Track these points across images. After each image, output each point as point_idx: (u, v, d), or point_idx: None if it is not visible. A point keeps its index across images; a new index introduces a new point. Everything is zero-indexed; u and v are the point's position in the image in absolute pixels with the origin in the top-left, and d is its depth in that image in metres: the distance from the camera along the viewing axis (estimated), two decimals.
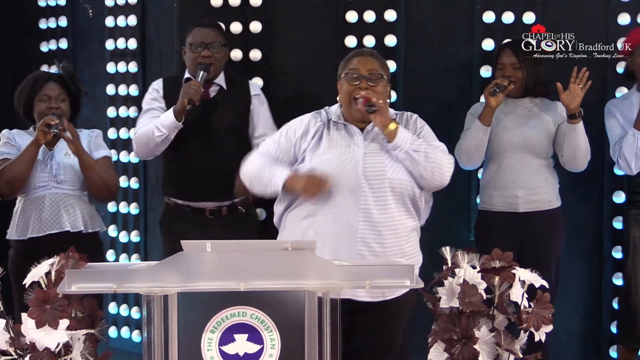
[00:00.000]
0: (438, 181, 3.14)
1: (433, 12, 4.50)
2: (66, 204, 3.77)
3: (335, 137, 3.17)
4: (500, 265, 2.62)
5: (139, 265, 2.57)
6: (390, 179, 3.08)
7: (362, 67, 3.16)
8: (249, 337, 2.45)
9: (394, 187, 3.08)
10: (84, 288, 2.39)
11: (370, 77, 3.15)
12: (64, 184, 3.78)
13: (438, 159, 3.12)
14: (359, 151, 3.11)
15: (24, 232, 3.76)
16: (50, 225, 3.74)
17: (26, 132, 3.89)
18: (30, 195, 3.77)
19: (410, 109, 4.16)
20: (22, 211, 3.79)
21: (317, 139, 3.18)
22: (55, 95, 3.79)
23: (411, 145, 3.09)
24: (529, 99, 4.07)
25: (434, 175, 3.11)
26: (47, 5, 5.12)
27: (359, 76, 3.14)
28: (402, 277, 2.45)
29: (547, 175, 4.05)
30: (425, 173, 3.09)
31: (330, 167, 3.08)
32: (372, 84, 3.14)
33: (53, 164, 3.78)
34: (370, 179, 3.07)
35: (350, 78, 3.15)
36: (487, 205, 4.10)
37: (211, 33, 4.01)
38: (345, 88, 3.17)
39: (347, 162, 3.09)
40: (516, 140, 4.01)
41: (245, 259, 2.42)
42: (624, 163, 3.97)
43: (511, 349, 2.60)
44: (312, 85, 4.49)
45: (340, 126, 3.19)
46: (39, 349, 2.47)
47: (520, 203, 4.01)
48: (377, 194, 3.06)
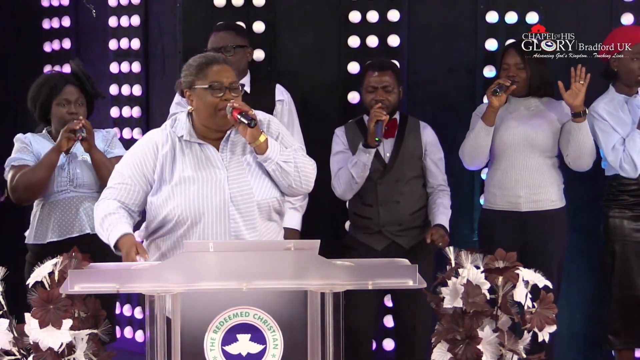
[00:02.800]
0: (305, 189, 3.04)
1: (436, 12, 4.49)
2: (85, 207, 3.76)
3: (190, 160, 2.96)
4: (504, 265, 2.62)
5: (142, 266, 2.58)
6: (257, 201, 2.94)
7: (224, 79, 2.95)
8: (251, 337, 2.45)
9: (261, 207, 2.95)
10: (87, 288, 2.39)
11: (232, 87, 2.96)
12: (81, 188, 3.77)
13: (306, 167, 3.01)
14: (221, 175, 2.94)
15: (43, 237, 3.75)
16: (70, 229, 3.74)
17: (41, 136, 3.86)
18: (49, 199, 3.76)
19: (413, 109, 4.18)
20: (41, 215, 3.78)
21: (170, 164, 2.96)
22: (74, 100, 3.79)
23: (281, 156, 2.96)
24: (534, 99, 4.07)
25: (302, 185, 3.00)
26: (50, 5, 5.12)
27: (221, 88, 2.93)
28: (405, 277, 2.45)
29: (551, 174, 4.04)
30: (295, 183, 2.98)
31: (193, 195, 2.90)
32: (235, 95, 2.95)
33: (71, 168, 3.77)
34: (238, 204, 2.92)
35: (213, 90, 2.93)
36: (490, 204, 4.10)
37: (225, 36, 3.98)
38: (208, 100, 2.93)
39: (211, 190, 2.91)
40: (520, 139, 4.00)
41: (247, 259, 2.43)
42: (630, 167, 3.93)
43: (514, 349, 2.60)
44: (315, 85, 4.49)
45: (194, 146, 2.98)
46: (43, 349, 2.47)
47: (522, 202, 4.01)
48: (246, 217, 2.92)
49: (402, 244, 3.93)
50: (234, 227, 2.91)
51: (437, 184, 4.02)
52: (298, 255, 2.43)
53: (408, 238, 3.95)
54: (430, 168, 4.02)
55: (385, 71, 3.96)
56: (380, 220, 3.93)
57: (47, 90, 3.80)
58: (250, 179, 2.96)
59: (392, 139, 3.99)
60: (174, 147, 2.97)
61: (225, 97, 2.93)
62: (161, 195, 2.94)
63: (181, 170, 2.94)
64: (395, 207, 3.94)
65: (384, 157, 3.96)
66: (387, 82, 3.94)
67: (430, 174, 4.03)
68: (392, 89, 3.95)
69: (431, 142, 4.04)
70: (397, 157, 3.96)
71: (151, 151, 2.98)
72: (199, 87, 2.95)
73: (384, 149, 3.97)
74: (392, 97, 3.95)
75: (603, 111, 4.02)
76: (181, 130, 2.99)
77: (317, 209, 4.24)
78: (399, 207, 3.94)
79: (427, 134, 4.04)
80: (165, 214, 2.92)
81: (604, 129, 3.99)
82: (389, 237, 3.94)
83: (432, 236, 3.83)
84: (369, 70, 4.00)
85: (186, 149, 2.98)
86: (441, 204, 3.97)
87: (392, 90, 3.95)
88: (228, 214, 2.91)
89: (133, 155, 3.02)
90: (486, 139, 3.97)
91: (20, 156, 3.76)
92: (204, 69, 2.97)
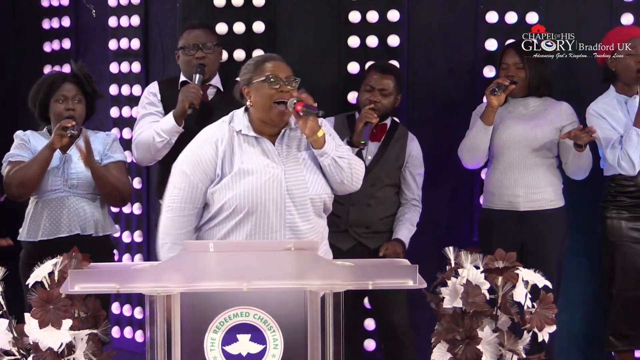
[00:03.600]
0: (355, 186, 3.15)
1: (436, 12, 4.49)
2: (77, 208, 3.76)
3: (248, 152, 3.06)
4: (504, 265, 2.62)
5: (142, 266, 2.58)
6: (311, 196, 3.05)
7: (279, 72, 3.05)
8: (251, 337, 2.45)
9: (314, 202, 3.06)
10: (87, 288, 2.39)
11: (288, 82, 3.05)
12: (76, 189, 3.77)
13: (357, 166, 3.12)
14: (278, 168, 3.04)
15: (35, 234, 3.75)
16: (60, 228, 3.73)
17: (40, 134, 3.86)
18: (42, 197, 3.76)
19: (414, 109, 4.18)
20: (34, 213, 3.78)
21: (230, 157, 3.06)
22: (71, 96, 3.78)
23: (336, 151, 3.07)
24: (533, 99, 4.07)
25: (353, 181, 3.11)
26: (50, 5, 5.12)
27: (277, 80, 3.03)
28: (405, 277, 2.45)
29: (550, 174, 4.05)
30: (347, 179, 3.08)
31: (252, 185, 3.00)
32: (291, 89, 3.05)
33: (67, 168, 3.77)
34: (294, 196, 3.02)
35: (270, 82, 3.02)
36: (489, 203, 4.11)
37: (202, 34, 3.97)
38: (264, 92, 3.03)
39: (269, 182, 3.01)
40: (519, 139, 4.01)
41: (247, 259, 2.43)
42: (627, 165, 3.93)
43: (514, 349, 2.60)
44: (315, 85, 4.47)
45: (251, 140, 3.08)
46: (42, 349, 2.47)
47: (521, 202, 4.01)
48: (301, 210, 3.03)
49: (368, 244, 3.95)
50: (289, 218, 3.01)
51: (411, 197, 4.04)
52: (298, 255, 2.43)
53: (374, 239, 3.96)
54: (408, 180, 4.04)
55: (387, 75, 3.97)
56: (349, 220, 3.94)
57: (46, 88, 3.81)
58: (306, 174, 3.06)
59: (377, 143, 4.00)
60: (232, 141, 3.07)
61: (281, 89, 3.03)
62: (220, 185, 3.02)
63: (240, 162, 3.03)
64: (365, 209, 3.95)
65: (364, 159, 3.93)
66: (385, 85, 3.95)
67: (406, 185, 4.05)
68: (390, 93, 3.96)
69: (415, 155, 4.05)
70: (379, 162, 3.97)
71: (211, 148, 3.07)
72: (256, 81, 3.05)
73: (367, 151, 3.97)
74: (387, 102, 3.95)
75: (602, 110, 4.02)
76: (239, 125, 3.09)
77: None
78: (369, 210, 3.95)
79: (413, 146, 4.05)
80: (224, 202, 3.01)
81: (602, 127, 3.98)
82: (355, 238, 3.96)
83: (386, 251, 3.87)
84: (372, 71, 4.02)
85: (244, 142, 3.07)
86: (408, 219, 4.00)
87: (389, 95, 3.96)
88: (284, 206, 3.01)
89: (194, 153, 3.10)
90: (485, 138, 3.98)
91: (16, 152, 3.77)
92: (261, 65, 3.08)
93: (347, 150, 3.16)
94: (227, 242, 2.87)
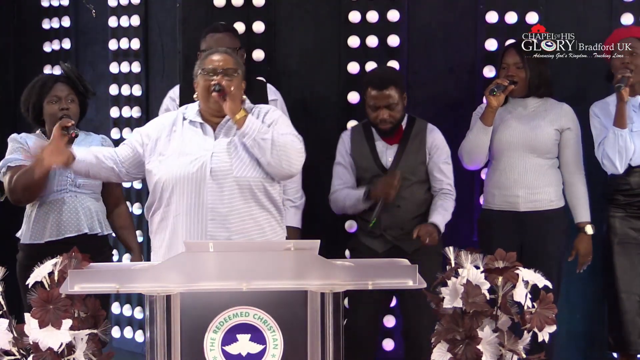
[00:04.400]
0: (286, 169, 3.19)
1: (436, 12, 4.49)
2: (84, 207, 3.75)
3: (184, 137, 3.25)
4: (504, 265, 2.62)
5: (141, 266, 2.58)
6: (236, 177, 3.15)
7: (217, 64, 3.23)
8: (251, 337, 2.45)
9: (241, 184, 3.16)
10: (86, 288, 2.39)
11: (225, 72, 3.21)
12: (82, 188, 3.76)
13: (286, 147, 3.17)
14: (207, 152, 3.18)
15: (41, 236, 3.72)
16: (68, 228, 3.72)
17: (35, 136, 3.83)
18: (47, 198, 3.73)
19: (413, 109, 4.18)
20: (38, 215, 3.74)
21: (167, 136, 3.26)
22: (64, 96, 3.77)
23: (259, 133, 3.15)
24: (533, 99, 4.07)
25: (282, 163, 3.16)
26: (50, 6, 5.12)
27: (214, 71, 3.20)
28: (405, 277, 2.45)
29: (550, 175, 4.05)
30: (273, 161, 3.15)
31: (178, 165, 3.16)
32: (228, 79, 3.19)
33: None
34: (217, 177, 3.13)
35: (206, 73, 3.22)
36: (489, 203, 4.11)
37: (225, 38, 3.94)
38: (202, 83, 3.23)
39: (193, 163, 3.16)
40: (519, 140, 4.01)
41: (247, 259, 2.43)
42: (609, 163, 3.95)
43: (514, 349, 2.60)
44: (314, 85, 4.49)
45: (194, 125, 3.27)
46: (42, 349, 2.47)
47: (520, 202, 4.01)
48: (225, 192, 3.13)
49: (405, 248, 3.88)
50: (210, 199, 3.11)
51: (440, 187, 3.97)
52: (298, 255, 2.43)
53: (410, 242, 3.87)
54: (434, 173, 3.98)
55: (386, 88, 3.87)
56: (382, 225, 3.91)
57: (38, 89, 3.79)
58: (233, 156, 3.17)
59: (395, 145, 3.97)
60: (174, 124, 3.29)
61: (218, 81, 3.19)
62: (153, 165, 3.23)
63: (175, 143, 3.22)
64: (396, 211, 3.91)
65: (385, 164, 3.94)
66: (389, 98, 3.87)
67: (433, 179, 3.99)
68: (396, 104, 3.88)
69: (437, 145, 3.98)
70: (399, 162, 3.93)
71: (158, 124, 3.33)
72: (198, 73, 3.26)
73: (386, 154, 3.95)
74: (397, 112, 3.89)
75: (599, 108, 4.05)
76: (189, 112, 3.30)
77: (316, 209, 4.23)
78: (399, 212, 3.91)
79: (434, 136, 3.99)
80: (155, 181, 3.20)
81: (596, 126, 4.02)
82: (390, 242, 3.92)
83: (419, 231, 3.78)
84: (370, 86, 3.91)
85: (188, 128, 3.27)
86: (441, 205, 3.93)
87: (397, 106, 3.89)
88: (206, 186, 3.12)
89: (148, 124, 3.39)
90: (484, 139, 3.97)
91: (16, 157, 3.72)
92: (205, 58, 3.29)
93: (283, 135, 3.19)
94: (227, 242, 2.87)
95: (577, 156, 4.06)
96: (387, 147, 3.96)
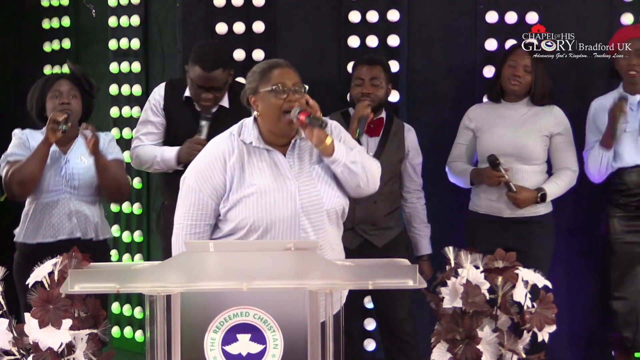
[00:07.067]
0: (372, 189, 3.03)
1: (436, 12, 4.49)
2: (78, 211, 3.74)
3: (259, 168, 2.92)
4: (504, 265, 2.62)
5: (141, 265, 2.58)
6: (327, 209, 2.93)
7: (287, 80, 2.92)
8: (251, 337, 2.45)
9: (330, 215, 2.95)
10: (86, 288, 2.39)
11: (296, 89, 2.92)
12: (77, 190, 3.74)
13: (372, 167, 3.01)
14: (292, 185, 2.91)
15: (33, 236, 3.72)
16: (61, 231, 3.71)
17: (40, 132, 3.84)
18: (42, 199, 3.73)
19: (413, 109, 4.19)
20: (33, 215, 3.75)
21: (239, 172, 2.92)
22: (66, 91, 3.76)
23: (347, 157, 2.94)
24: (524, 104, 4.04)
25: (369, 184, 3.00)
26: (50, 5, 5.13)
27: (285, 90, 2.90)
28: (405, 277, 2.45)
29: (536, 181, 4.00)
30: (363, 183, 2.97)
31: (266, 204, 2.88)
32: (298, 97, 2.91)
33: (68, 169, 3.74)
34: (309, 213, 2.90)
35: (276, 91, 2.89)
36: (475, 206, 4.10)
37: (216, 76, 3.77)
38: (272, 102, 2.90)
39: (283, 200, 2.88)
40: (507, 148, 3.96)
41: (248, 259, 2.43)
42: (588, 172, 4.05)
43: (514, 349, 2.60)
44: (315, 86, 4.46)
45: (261, 152, 2.94)
46: (42, 349, 2.47)
47: (505, 208, 3.99)
48: (316, 226, 2.91)
49: (376, 242, 3.93)
50: (303, 236, 2.88)
51: (414, 188, 4.08)
52: (298, 255, 2.43)
53: (381, 237, 3.95)
54: (409, 172, 4.06)
55: (375, 65, 3.97)
56: (355, 218, 3.90)
57: (41, 86, 3.80)
58: (320, 189, 2.94)
59: (376, 138, 4.00)
60: (241, 155, 2.93)
61: (289, 98, 2.90)
62: (232, 203, 2.90)
63: (251, 178, 2.90)
64: (371, 206, 3.92)
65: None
66: (375, 74, 3.94)
67: (408, 178, 4.07)
68: (380, 83, 3.94)
69: (414, 146, 4.07)
70: (380, 157, 3.90)
71: (220, 163, 2.92)
72: (263, 90, 2.92)
73: (367, 147, 3.96)
74: (380, 92, 3.94)
75: (593, 109, 4.05)
76: (249, 137, 2.94)
77: None
78: (375, 207, 3.93)
79: (411, 137, 4.07)
80: (237, 222, 2.89)
81: (589, 126, 4.04)
82: (361, 235, 3.94)
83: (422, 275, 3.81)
84: (359, 64, 4.02)
85: (254, 155, 2.93)
86: (422, 221, 4.08)
87: (380, 85, 3.95)
88: (299, 223, 2.88)
89: (202, 168, 2.94)
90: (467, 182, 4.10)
91: (14, 151, 3.73)
92: (267, 73, 2.93)
93: (360, 152, 3.02)
94: (227, 242, 2.86)
95: (570, 158, 4.04)
96: (368, 139, 3.98)
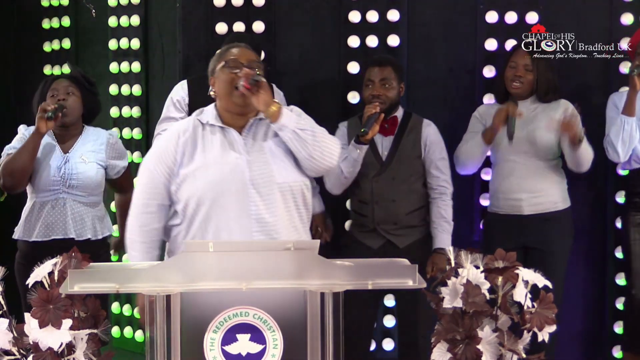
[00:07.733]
0: (328, 161, 3.00)
1: (436, 12, 4.50)
2: (74, 212, 3.74)
3: (210, 145, 2.97)
4: (504, 265, 2.62)
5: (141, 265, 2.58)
6: (278, 183, 2.94)
7: (241, 57, 2.98)
8: (251, 337, 2.45)
9: (283, 190, 2.95)
10: (86, 288, 2.39)
11: (250, 64, 2.96)
12: (75, 190, 3.74)
13: (325, 137, 2.99)
14: (242, 159, 2.94)
15: (29, 234, 3.74)
16: (55, 230, 3.72)
17: None
18: (39, 197, 3.74)
19: (413, 109, 4.18)
20: (30, 213, 3.76)
21: (191, 149, 2.97)
22: (63, 87, 3.77)
23: (297, 124, 2.94)
24: (530, 102, 4.03)
25: (324, 155, 2.97)
26: (50, 5, 5.13)
27: (238, 65, 2.95)
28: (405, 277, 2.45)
29: (553, 176, 4.01)
30: (315, 153, 2.95)
31: (213, 177, 2.91)
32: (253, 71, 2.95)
33: (67, 168, 3.74)
34: (258, 186, 2.92)
35: (229, 67, 2.95)
36: (495, 207, 4.09)
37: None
38: (224, 78, 2.96)
39: (231, 173, 2.92)
40: (521, 144, 3.96)
41: (247, 258, 2.42)
42: (611, 150, 3.94)
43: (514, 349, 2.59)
44: (315, 85, 4.49)
45: (217, 130, 2.99)
46: (42, 349, 2.47)
47: (524, 206, 3.98)
48: (267, 200, 2.92)
49: (397, 243, 3.88)
50: (254, 209, 2.91)
51: (437, 185, 3.94)
52: (298, 255, 2.42)
53: (403, 237, 3.89)
54: (430, 169, 3.96)
55: (385, 66, 3.91)
56: (375, 218, 3.89)
57: (42, 87, 3.83)
58: (272, 162, 2.96)
59: (391, 137, 3.96)
60: (195, 133, 2.99)
61: (240, 74, 2.93)
62: (180, 180, 2.95)
63: (201, 155, 2.95)
64: (390, 205, 3.89)
65: (381, 155, 3.94)
66: (385, 76, 3.89)
67: (428, 174, 3.96)
68: (391, 84, 3.90)
69: (433, 140, 3.96)
70: (395, 155, 3.91)
71: (173, 141, 2.99)
72: (218, 67, 3.00)
73: (382, 146, 3.94)
74: (391, 93, 3.89)
75: (612, 101, 4.04)
76: (207, 116, 3.01)
77: None
78: (394, 206, 3.89)
79: (429, 132, 3.97)
80: (186, 198, 2.93)
81: (610, 116, 4.01)
82: (383, 236, 3.91)
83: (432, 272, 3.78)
84: (370, 66, 3.97)
85: (210, 134, 2.98)
86: (442, 217, 3.92)
87: (391, 86, 3.90)
88: (248, 196, 2.91)
89: (157, 148, 3.05)
90: (480, 156, 3.99)
91: (14, 145, 3.77)
92: (224, 53, 3.03)
93: (316, 126, 3.01)
94: (227, 242, 2.86)
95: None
96: (383, 138, 3.95)
